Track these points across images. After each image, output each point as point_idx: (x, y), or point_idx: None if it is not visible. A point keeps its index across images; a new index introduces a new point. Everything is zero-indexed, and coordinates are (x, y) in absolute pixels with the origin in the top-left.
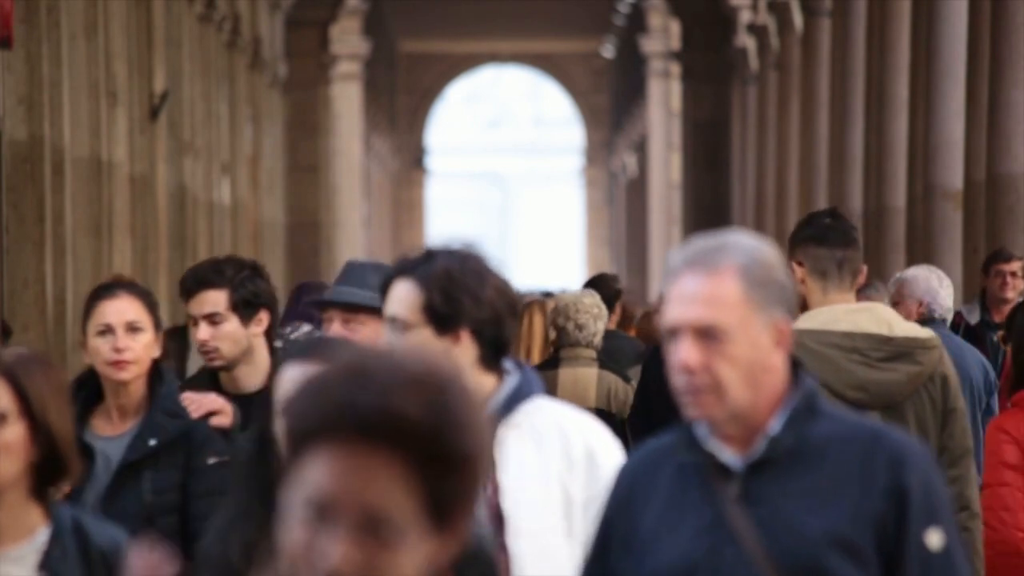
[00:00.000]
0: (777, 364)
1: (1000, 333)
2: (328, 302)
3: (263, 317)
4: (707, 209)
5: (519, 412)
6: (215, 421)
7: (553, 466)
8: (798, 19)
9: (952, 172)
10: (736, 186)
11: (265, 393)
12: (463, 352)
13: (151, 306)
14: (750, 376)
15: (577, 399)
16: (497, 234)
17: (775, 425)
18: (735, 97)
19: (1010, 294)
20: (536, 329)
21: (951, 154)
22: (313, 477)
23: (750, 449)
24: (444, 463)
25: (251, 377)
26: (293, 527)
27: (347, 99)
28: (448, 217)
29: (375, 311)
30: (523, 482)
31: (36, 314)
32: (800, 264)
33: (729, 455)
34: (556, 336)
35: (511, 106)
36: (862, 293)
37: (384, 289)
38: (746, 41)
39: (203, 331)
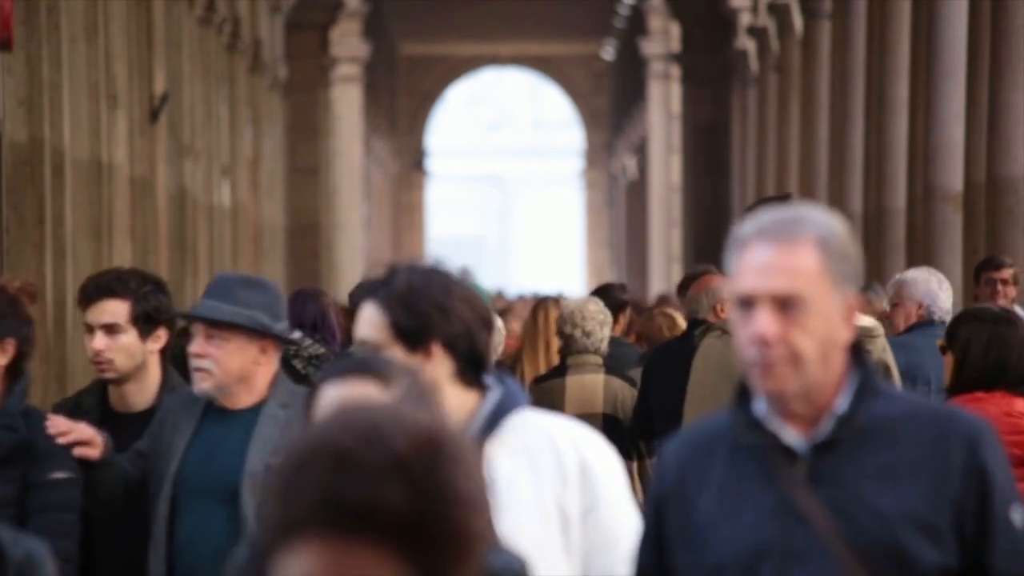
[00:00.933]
0: (845, 341)
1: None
2: (191, 316)
3: (161, 334)
4: (707, 211)
5: (505, 428)
6: (79, 452)
7: (546, 481)
8: (798, 21)
9: (952, 174)
10: (736, 188)
11: (150, 413)
12: (437, 367)
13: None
14: (824, 350)
15: (584, 405)
16: (497, 237)
17: (842, 403)
18: (735, 99)
19: (1001, 302)
20: (552, 326)
21: (951, 156)
22: (293, 570)
23: (815, 429)
24: (436, 547)
25: (140, 395)
26: None
27: (347, 101)
28: (448, 219)
29: (238, 327)
30: (517, 500)
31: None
32: None
33: (793, 435)
34: (563, 343)
35: (511, 108)
36: (861, 294)
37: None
38: (746, 43)
39: (99, 340)
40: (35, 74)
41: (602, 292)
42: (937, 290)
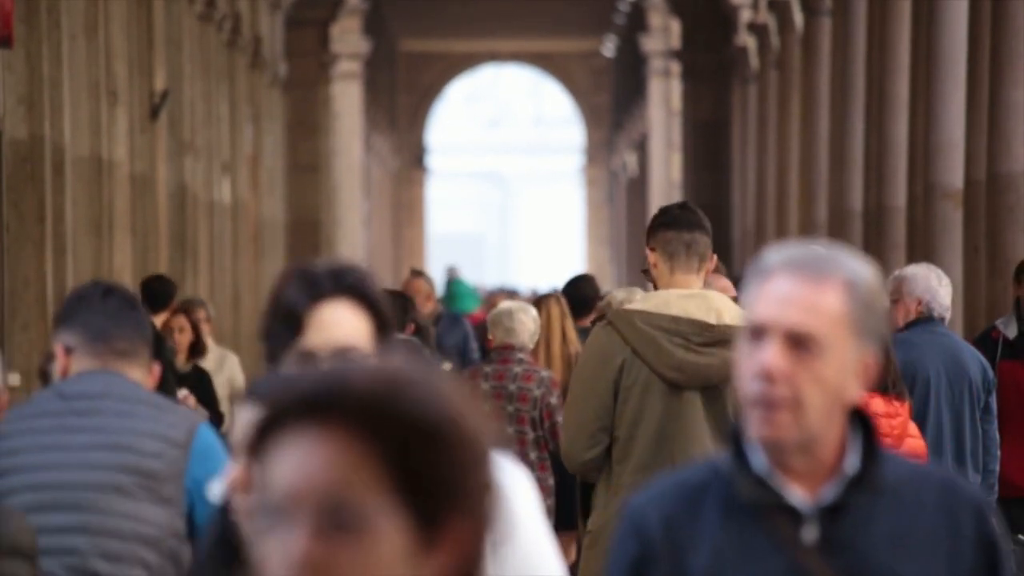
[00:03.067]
0: (854, 399)
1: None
2: None
3: None
4: (707, 208)
5: None
6: None
7: None
8: (798, 18)
9: (952, 172)
10: (736, 185)
11: None
12: None
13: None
14: (830, 403)
15: None
16: (497, 233)
17: (851, 464)
18: (735, 96)
19: None
20: (554, 323)
21: (951, 154)
22: (269, 477)
23: (821, 489)
24: (406, 436)
25: None
26: (260, 542)
27: (347, 98)
28: (448, 216)
29: None
30: None
31: (36, 314)
32: (653, 250)
33: (798, 496)
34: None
35: (511, 105)
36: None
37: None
38: (746, 40)
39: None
40: (35, 71)
41: (575, 283)
42: (937, 286)
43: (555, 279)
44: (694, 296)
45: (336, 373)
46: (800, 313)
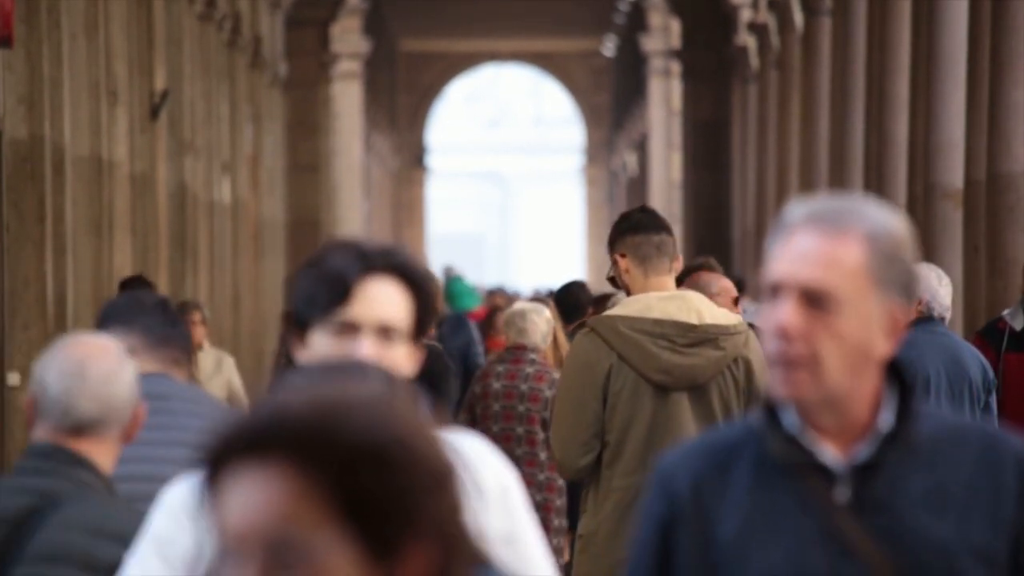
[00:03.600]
0: (883, 354)
1: None
2: None
3: None
4: (707, 208)
5: None
6: None
7: None
8: (799, 18)
9: (952, 172)
10: (736, 185)
11: None
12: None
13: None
14: (853, 359)
15: None
16: (497, 233)
17: (885, 421)
18: (735, 96)
19: None
20: (556, 322)
21: (951, 154)
22: (218, 518)
23: (854, 447)
24: (349, 464)
25: None
26: None
27: (347, 98)
28: (448, 216)
29: None
30: None
31: (36, 313)
32: (623, 256)
33: (830, 454)
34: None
35: (511, 105)
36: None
37: None
38: (747, 40)
39: None
40: (35, 71)
41: (565, 290)
42: (937, 286)
43: (555, 279)
44: (674, 298)
45: (274, 406)
46: (815, 269)
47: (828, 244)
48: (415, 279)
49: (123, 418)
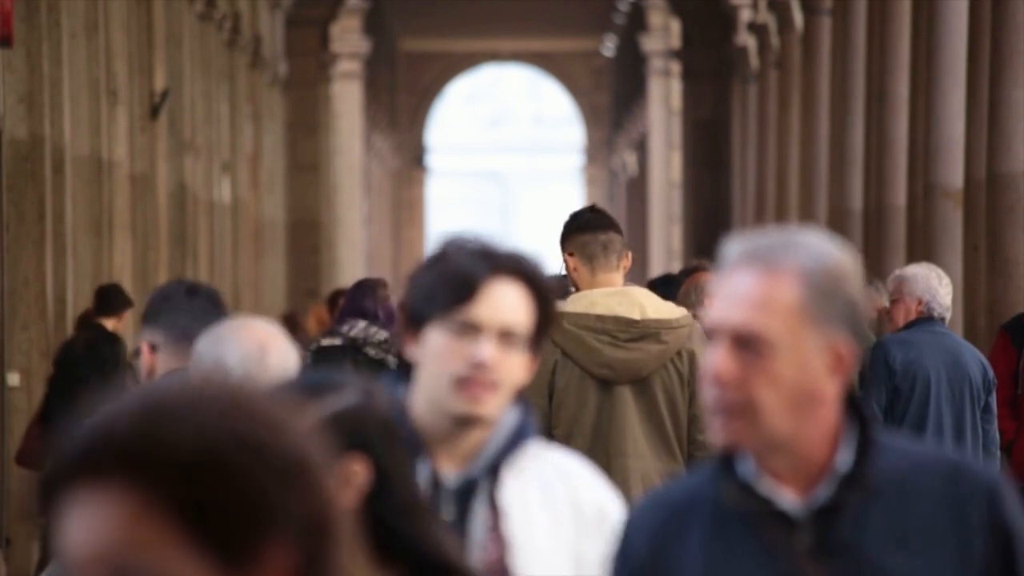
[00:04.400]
0: (831, 394)
1: None
2: None
3: None
4: (707, 208)
5: (521, 454)
6: None
7: (563, 520)
8: (798, 18)
9: (952, 171)
10: (736, 185)
11: None
12: None
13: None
14: (793, 402)
15: None
16: (498, 232)
17: (843, 460)
18: (735, 96)
19: None
20: None
21: (951, 153)
22: (62, 545)
23: (814, 490)
24: (182, 472)
25: None
26: None
27: (347, 98)
28: (448, 216)
29: None
30: (532, 535)
31: (36, 313)
32: (571, 255)
33: (788, 499)
34: None
35: (511, 105)
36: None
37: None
38: (746, 40)
39: None
40: (35, 71)
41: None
42: (937, 286)
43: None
44: (617, 293)
45: (98, 423)
46: (747, 311)
47: (762, 284)
48: (540, 287)
49: None
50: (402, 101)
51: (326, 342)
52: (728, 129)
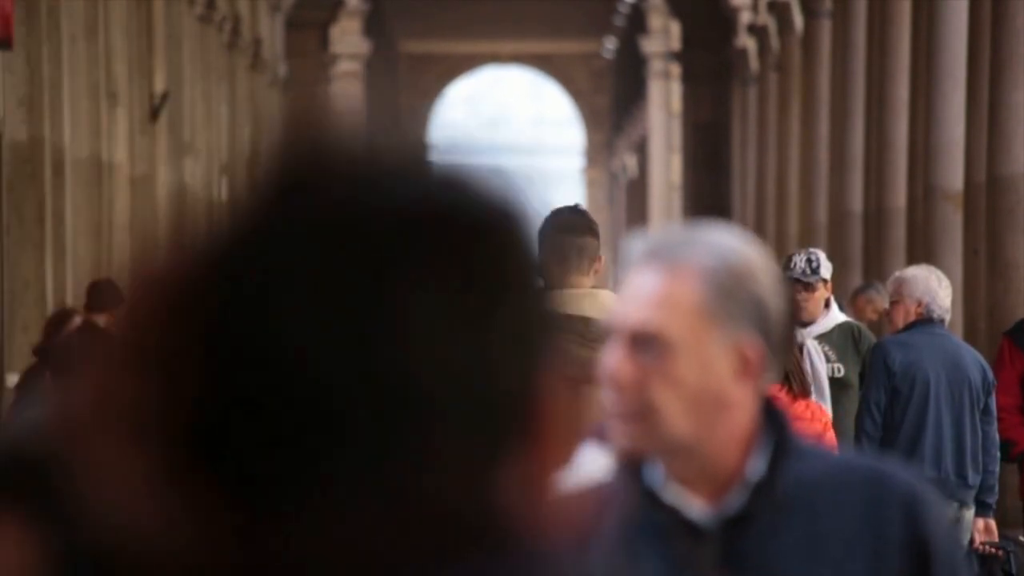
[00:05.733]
0: (739, 398)
1: None
2: None
3: None
4: (707, 210)
5: None
6: None
7: None
8: (798, 20)
9: (952, 173)
10: (736, 187)
11: None
12: None
13: None
14: (695, 406)
15: None
16: None
17: (755, 468)
18: (735, 98)
19: None
20: None
21: (951, 155)
22: None
23: (723, 499)
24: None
25: None
26: None
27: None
28: None
29: None
30: None
31: (36, 314)
32: (545, 251)
33: (697, 508)
34: None
35: (511, 107)
36: (862, 293)
37: None
38: (746, 42)
39: None
40: (35, 73)
41: None
42: (936, 288)
43: None
44: (585, 295)
45: None
46: (645, 310)
47: (662, 282)
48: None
49: None
50: (402, 103)
51: None
52: (728, 131)
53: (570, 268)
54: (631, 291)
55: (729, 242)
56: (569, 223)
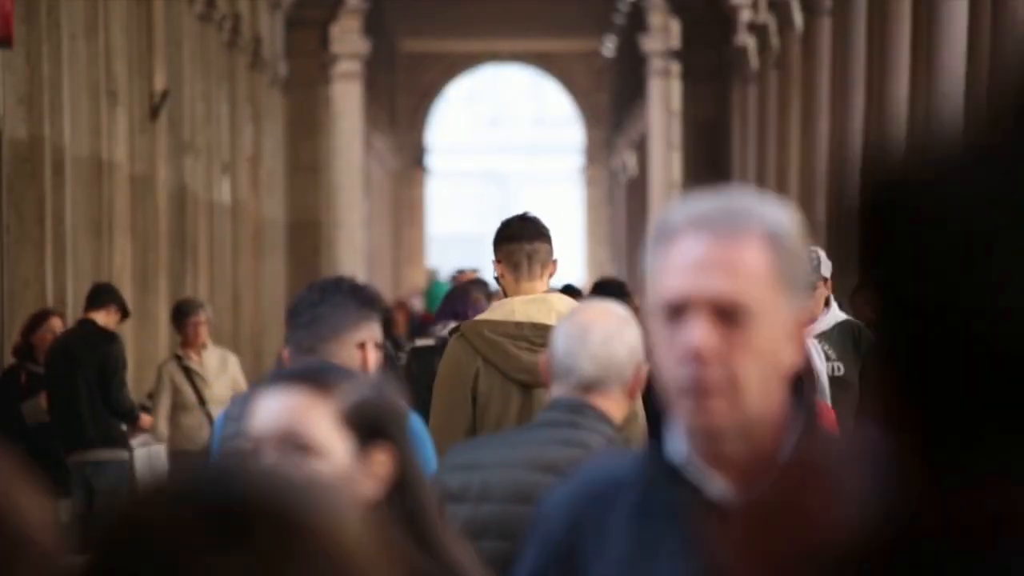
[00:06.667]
0: (790, 368)
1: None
2: None
3: None
4: None
5: None
6: None
7: None
8: (798, 18)
9: None
10: (736, 185)
11: None
12: None
13: None
14: (767, 377)
15: None
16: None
17: (789, 448)
18: (735, 96)
19: None
20: None
21: None
22: None
23: (753, 480)
24: None
25: None
26: None
27: (347, 98)
28: (448, 216)
29: None
30: None
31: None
32: (499, 262)
33: (721, 487)
34: None
35: (511, 105)
36: (861, 292)
37: None
38: (746, 40)
39: None
40: (35, 72)
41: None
42: None
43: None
44: (536, 301)
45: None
46: (723, 279)
47: (727, 249)
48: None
49: (624, 376)
50: (402, 101)
51: (420, 343)
52: (728, 129)
53: (521, 274)
54: (695, 260)
55: (778, 207)
56: (518, 230)
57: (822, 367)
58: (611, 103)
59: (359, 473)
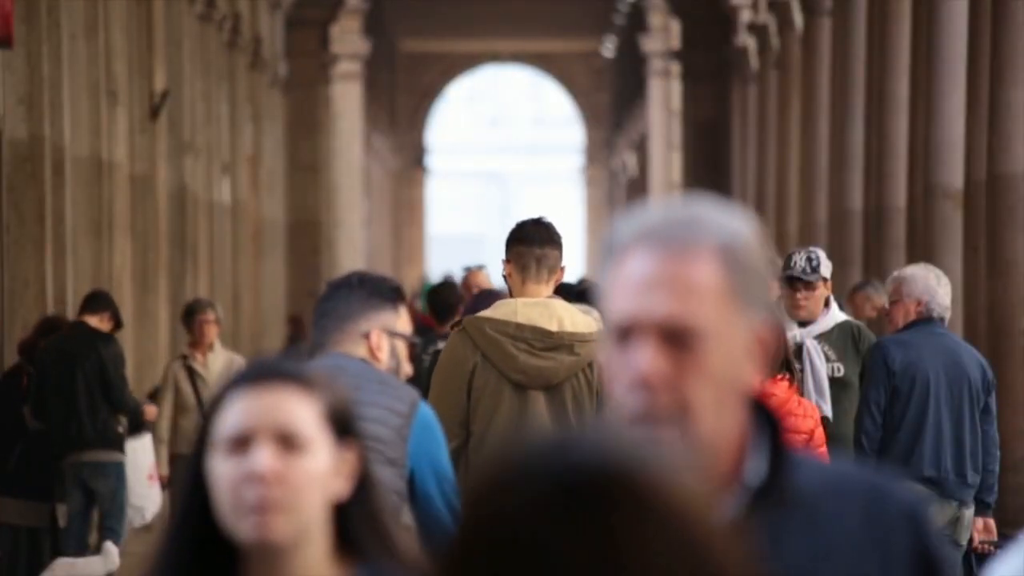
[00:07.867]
0: (750, 386)
1: None
2: None
3: None
4: None
5: None
6: None
7: None
8: (798, 18)
9: (952, 172)
10: (736, 186)
11: None
12: None
13: None
14: (722, 399)
15: None
16: (497, 233)
17: (754, 471)
18: (735, 96)
19: None
20: None
21: (951, 154)
22: None
23: (720, 504)
24: None
25: None
26: None
27: (347, 98)
28: (448, 216)
29: None
30: None
31: (36, 314)
32: (508, 262)
33: None
34: None
35: (511, 105)
36: (860, 291)
37: None
38: (746, 40)
39: None
40: (35, 71)
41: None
42: (936, 287)
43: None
44: (538, 304)
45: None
46: (670, 300)
47: (677, 265)
48: None
49: None
50: (402, 102)
51: (442, 345)
52: (728, 130)
53: (529, 277)
54: (642, 278)
55: (732, 218)
56: (530, 234)
57: (822, 367)
58: (611, 103)
59: (335, 470)
